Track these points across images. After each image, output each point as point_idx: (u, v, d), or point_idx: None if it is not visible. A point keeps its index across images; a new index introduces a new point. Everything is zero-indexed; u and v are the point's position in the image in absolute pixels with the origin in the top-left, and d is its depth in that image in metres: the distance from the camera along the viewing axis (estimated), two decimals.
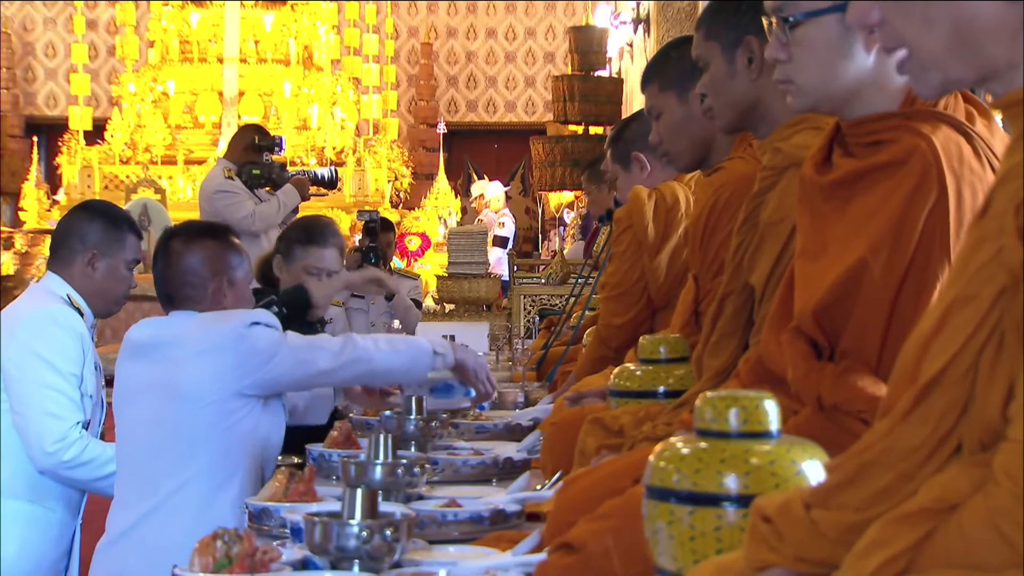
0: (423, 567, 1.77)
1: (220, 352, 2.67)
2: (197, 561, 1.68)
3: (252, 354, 2.66)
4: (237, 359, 2.66)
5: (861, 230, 1.66)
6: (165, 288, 2.85)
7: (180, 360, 2.68)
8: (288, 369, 2.69)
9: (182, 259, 2.83)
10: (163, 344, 2.74)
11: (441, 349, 2.80)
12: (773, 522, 1.17)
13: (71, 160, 14.67)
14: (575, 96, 9.49)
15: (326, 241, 3.80)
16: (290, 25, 15.19)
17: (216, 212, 6.25)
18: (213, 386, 2.66)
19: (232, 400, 2.68)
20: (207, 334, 2.69)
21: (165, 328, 2.80)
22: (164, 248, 2.87)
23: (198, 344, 2.68)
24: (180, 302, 2.82)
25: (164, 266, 2.84)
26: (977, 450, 1.07)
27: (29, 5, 18.23)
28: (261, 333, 2.68)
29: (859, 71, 1.72)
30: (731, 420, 1.31)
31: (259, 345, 2.67)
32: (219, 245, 2.88)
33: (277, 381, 2.72)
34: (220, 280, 2.83)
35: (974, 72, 1.13)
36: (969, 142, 1.68)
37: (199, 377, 2.67)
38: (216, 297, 2.82)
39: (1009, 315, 1.03)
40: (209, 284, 2.82)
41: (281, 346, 2.68)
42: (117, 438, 2.84)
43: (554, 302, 6.32)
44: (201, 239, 2.88)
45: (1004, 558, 0.98)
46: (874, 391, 1.60)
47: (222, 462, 2.68)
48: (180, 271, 2.82)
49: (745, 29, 2.11)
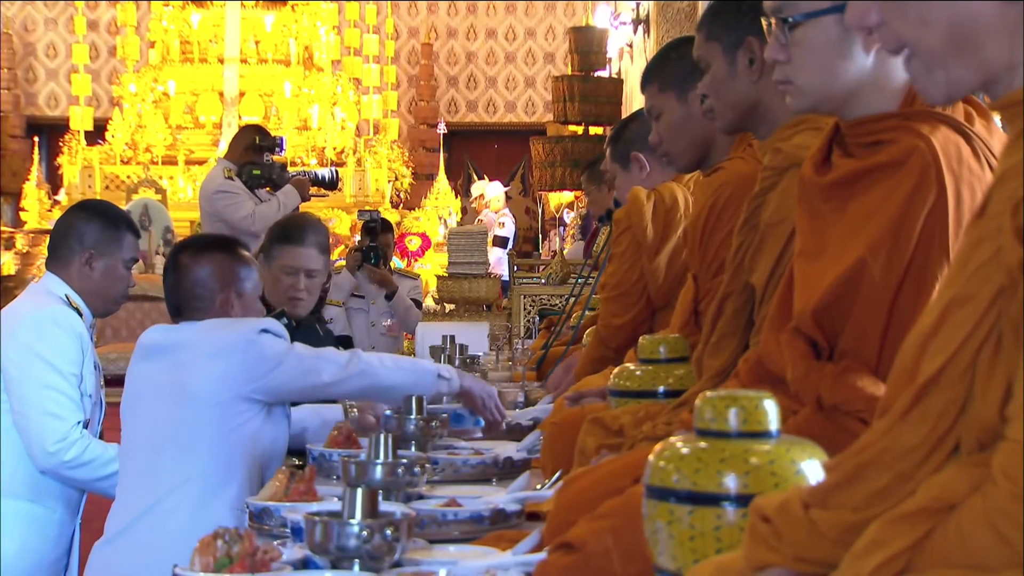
0: (423, 566, 1.77)
1: (229, 355, 2.70)
2: (198, 560, 1.69)
3: (260, 360, 2.69)
4: (245, 363, 2.69)
5: (860, 230, 1.66)
6: (175, 300, 2.88)
7: (190, 362, 2.71)
8: (293, 377, 2.72)
9: (191, 272, 2.86)
10: (174, 347, 2.77)
11: (447, 374, 2.81)
12: (772, 522, 1.17)
13: (72, 160, 14.72)
14: (575, 96, 9.50)
15: (304, 239, 3.71)
16: (290, 25, 15.22)
17: (216, 212, 6.22)
18: (219, 388, 2.69)
19: (236, 403, 2.70)
20: (218, 338, 2.72)
21: (176, 332, 2.83)
22: (173, 261, 2.90)
23: (208, 347, 2.72)
24: (189, 312, 2.85)
25: (174, 279, 2.88)
26: (975, 450, 1.07)
27: (30, 6, 18.25)
28: (269, 341, 2.72)
29: (858, 72, 1.72)
30: (731, 420, 1.31)
31: (267, 352, 2.70)
32: (228, 258, 2.91)
33: (282, 388, 2.74)
34: (228, 292, 2.86)
35: (975, 73, 1.13)
36: (968, 142, 1.68)
37: (207, 379, 2.69)
38: (224, 309, 2.85)
39: (1007, 315, 1.03)
40: (217, 296, 2.85)
41: (288, 355, 2.72)
42: (123, 439, 2.86)
43: (554, 302, 6.33)
44: (210, 252, 2.91)
45: (1003, 558, 0.98)
46: (873, 391, 1.61)
47: (221, 464, 2.70)
48: (189, 283, 2.85)
49: (746, 30, 2.11)
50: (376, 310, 6.40)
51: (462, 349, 3.79)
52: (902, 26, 1.15)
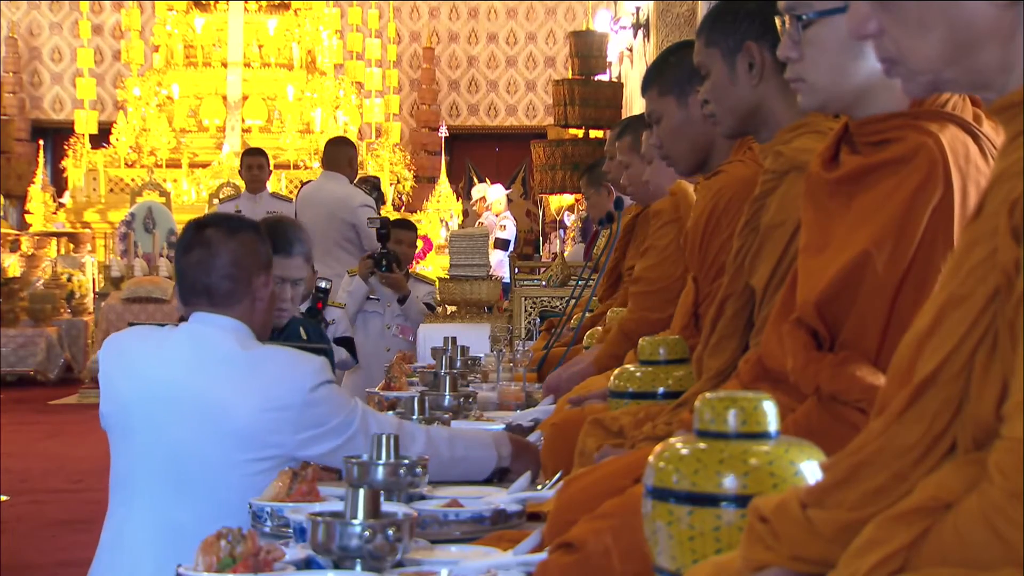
0: (425, 566, 1.77)
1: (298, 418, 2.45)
2: (201, 560, 1.69)
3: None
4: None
5: (865, 223, 1.66)
6: (203, 279, 2.53)
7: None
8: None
9: (224, 249, 2.54)
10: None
11: (505, 452, 2.59)
12: (770, 522, 1.18)
13: (77, 163, 14.81)
14: (575, 100, 9.52)
15: (291, 250, 3.51)
16: (293, 30, 15.27)
17: (360, 223, 6.67)
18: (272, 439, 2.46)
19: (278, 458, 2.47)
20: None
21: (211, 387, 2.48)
22: (199, 237, 2.57)
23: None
24: (219, 298, 2.54)
25: (201, 256, 2.54)
26: (971, 449, 1.07)
27: (36, 10, 18.33)
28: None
29: (869, 71, 1.72)
30: (730, 421, 1.32)
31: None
32: (259, 238, 2.62)
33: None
34: (266, 274, 2.60)
35: (966, 76, 1.14)
36: (976, 142, 1.68)
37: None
38: (261, 292, 2.59)
39: (1002, 315, 1.04)
40: (254, 278, 2.57)
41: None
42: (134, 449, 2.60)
43: (554, 304, 6.35)
44: (242, 230, 2.61)
45: (999, 556, 0.98)
46: (872, 381, 1.61)
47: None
48: (223, 262, 2.54)
49: (744, 35, 2.12)
50: (391, 313, 6.45)
51: (463, 351, 3.80)
52: (901, 33, 1.15)
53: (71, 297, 13.41)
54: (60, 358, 12.90)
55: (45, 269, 13.89)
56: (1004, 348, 1.03)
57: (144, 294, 11.33)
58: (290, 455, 2.45)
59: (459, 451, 2.52)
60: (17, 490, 7.35)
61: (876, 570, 1.05)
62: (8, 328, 12.68)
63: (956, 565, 1.01)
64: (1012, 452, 0.98)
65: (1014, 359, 1.01)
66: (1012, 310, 1.02)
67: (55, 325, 12.94)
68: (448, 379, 3.15)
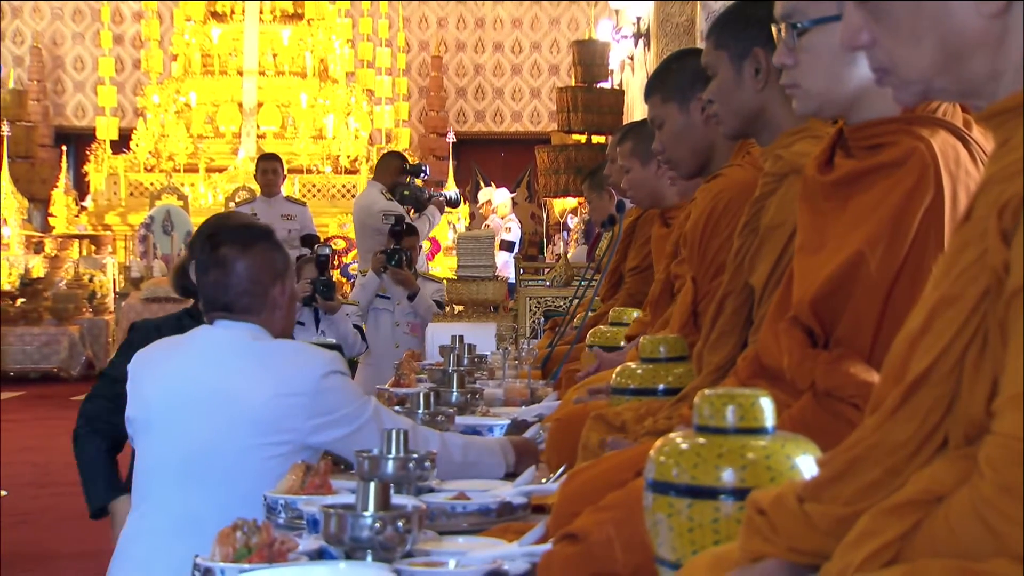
0: (433, 557, 1.80)
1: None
2: (218, 551, 1.72)
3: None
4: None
5: (860, 225, 1.69)
6: (222, 298, 2.59)
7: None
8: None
9: (239, 267, 2.59)
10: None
11: (510, 459, 2.62)
12: (768, 514, 1.20)
13: (98, 168, 15.02)
14: (578, 107, 9.54)
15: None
16: (307, 39, 15.44)
17: (381, 228, 6.74)
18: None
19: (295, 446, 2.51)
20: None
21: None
22: (213, 257, 2.61)
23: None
24: (239, 311, 2.59)
25: (218, 276, 2.60)
26: (962, 444, 1.08)
27: (59, 21, 18.52)
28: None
29: (863, 77, 1.74)
30: (728, 417, 1.34)
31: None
32: (271, 247, 2.66)
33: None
34: (282, 284, 2.64)
35: (956, 85, 1.15)
36: (966, 147, 1.71)
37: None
38: (278, 300, 2.63)
39: (992, 315, 1.05)
40: (270, 290, 2.61)
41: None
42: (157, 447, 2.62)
43: (558, 304, 6.38)
44: (255, 244, 2.64)
45: (989, 547, 0.99)
46: (866, 377, 1.64)
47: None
48: (238, 279, 2.59)
49: (753, 41, 2.15)
50: (401, 310, 6.50)
51: (470, 348, 3.83)
52: (894, 43, 1.17)
53: (92, 297, 13.55)
54: (82, 356, 13.05)
55: (68, 270, 14.02)
56: (994, 347, 1.04)
57: (163, 294, 11.38)
58: (302, 441, 2.49)
59: (471, 457, 2.56)
60: (40, 483, 7.43)
61: (870, 561, 1.07)
62: (32, 327, 12.92)
63: (947, 556, 1.02)
64: (1002, 447, 0.99)
65: (1004, 357, 1.02)
66: (1002, 309, 1.03)
67: (77, 324, 13.11)
68: (456, 376, 3.17)
